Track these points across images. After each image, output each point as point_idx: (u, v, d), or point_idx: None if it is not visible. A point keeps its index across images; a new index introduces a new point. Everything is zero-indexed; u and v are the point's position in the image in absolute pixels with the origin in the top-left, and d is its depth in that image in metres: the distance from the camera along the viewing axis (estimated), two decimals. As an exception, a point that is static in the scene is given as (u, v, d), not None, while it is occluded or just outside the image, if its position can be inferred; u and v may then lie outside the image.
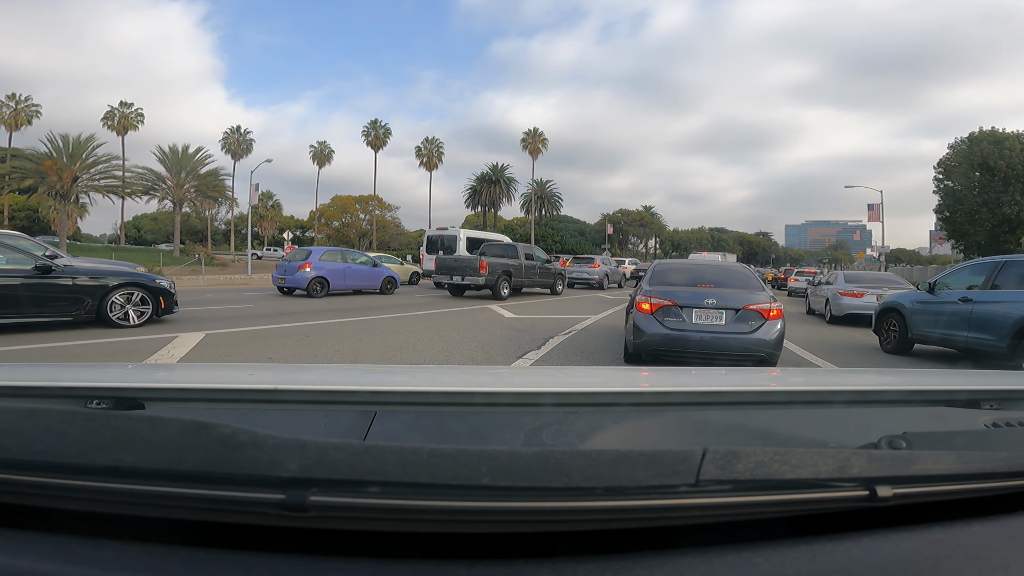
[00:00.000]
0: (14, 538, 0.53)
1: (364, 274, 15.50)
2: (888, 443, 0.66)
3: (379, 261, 16.88)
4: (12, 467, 0.53)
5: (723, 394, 1.04)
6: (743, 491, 0.53)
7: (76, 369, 1.47)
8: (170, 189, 41.11)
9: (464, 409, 0.94)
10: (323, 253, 14.86)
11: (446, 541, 0.54)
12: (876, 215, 40.55)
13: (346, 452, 0.51)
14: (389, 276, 16.11)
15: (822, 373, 3.02)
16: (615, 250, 60.62)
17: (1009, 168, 30.30)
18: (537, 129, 64.23)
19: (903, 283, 12.46)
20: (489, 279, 14.48)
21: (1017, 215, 30.40)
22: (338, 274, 14.65)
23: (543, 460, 0.52)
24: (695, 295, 5.43)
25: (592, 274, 22.66)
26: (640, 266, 31.57)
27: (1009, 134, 31.53)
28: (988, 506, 0.61)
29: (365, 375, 1.48)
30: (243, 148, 60.28)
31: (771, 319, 5.25)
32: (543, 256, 17.66)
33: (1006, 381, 1.21)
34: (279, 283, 14.44)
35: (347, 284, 14.94)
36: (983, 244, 32.40)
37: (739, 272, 6.52)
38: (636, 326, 5.40)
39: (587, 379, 1.46)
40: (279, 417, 0.93)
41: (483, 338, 7.57)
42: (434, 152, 65.84)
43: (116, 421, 0.60)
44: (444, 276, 15.19)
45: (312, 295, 13.92)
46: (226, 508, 0.52)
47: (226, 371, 1.44)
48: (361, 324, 8.92)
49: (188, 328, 7.54)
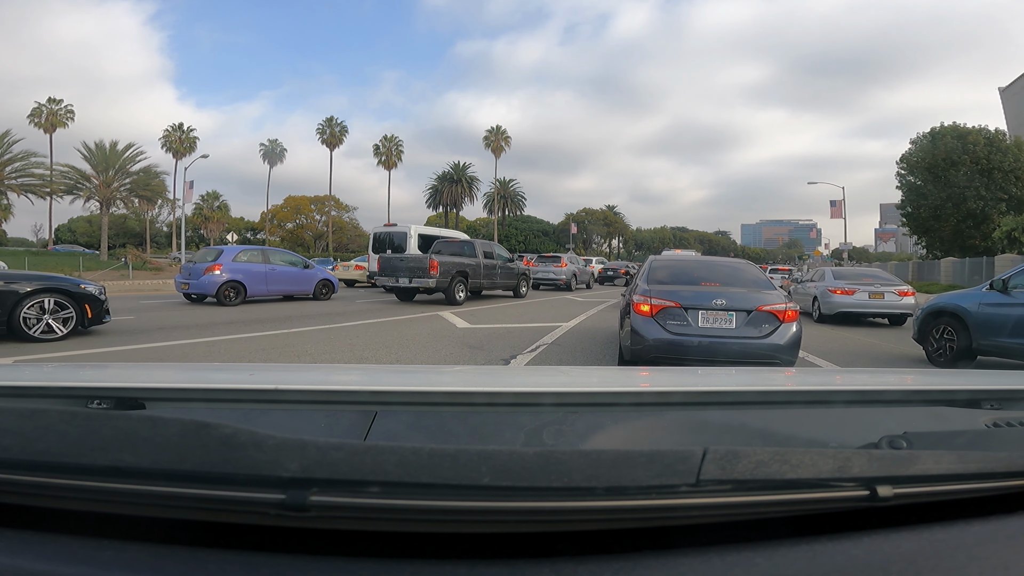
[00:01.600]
0: (14, 538, 0.53)
1: (292, 277, 13.29)
2: (889, 443, 0.66)
3: (311, 262, 14.58)
4: (13, 467, 0.53)
5: (723, 394, 1.04)
6: (743, 491, 0.53)
7: (77, 369, 1.53)
8: (97, 188, 38.10)
9: (464, 409, 0.94)
10: (238, 252, 12.55)
11: (446, 541, 0.53)
12: (839, 211, 40.45)
13: (346, 452, 0.51)
14: (324, 280, 13.89)
15: (822, 373, 2.90)
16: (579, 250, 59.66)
17: (973, 162, 30.13)
18: (500, 127, 63.15)
19: (894, 279, 11.96)
20: (441, 281, 12.43)
21: (982, 210, 30.25)
22: (257, 277, 12.36)
23: (543, 460, 0.52)
24: (701, 295, 4.83)
25: (559, 274, 20.79)
26: (608, 265, 30.07)
27: (972, 128, 31.44)
28: (989, 506, 0.60)
29: (365, 375, 1.51)
30: (186, 147, 57.36)
31: (787, 321, 4.69)
32: (505, 254, 15.69)
33: (1006, 381, 1.21)
34: (182, 288, 12.03)
35: (270, 289, 12.66)
36: (948, 240, 32.25)
37: (745, 269, 5.88)
38: (635, 330, 4.79)
39: (587, 379, 1.48)
40: (280, 417, 0.93)
41: (423, 360, 6.02)
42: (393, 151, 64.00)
43: (117, 421, 0.60)
44: (388, 278, 13.04)
45: (224, 303, 11.65)
46: (226, 508, 0.52)
47: (227, 371, 1.47)
48: (262, 342, 7.12)
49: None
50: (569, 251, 39.51)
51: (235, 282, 11.85)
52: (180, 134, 55.97)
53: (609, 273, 27.92)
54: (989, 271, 24.46)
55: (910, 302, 11.04)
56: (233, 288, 11.81)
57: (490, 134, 62.41)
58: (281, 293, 13.11)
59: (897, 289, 11.21)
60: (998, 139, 30.63)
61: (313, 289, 13.57)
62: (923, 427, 0.90)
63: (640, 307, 4.85)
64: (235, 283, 11.85)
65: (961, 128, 31.70)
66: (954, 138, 31.00)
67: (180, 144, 55.35)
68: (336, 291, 14.20)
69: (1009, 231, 25.16)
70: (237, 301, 11.79)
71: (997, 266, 23.42)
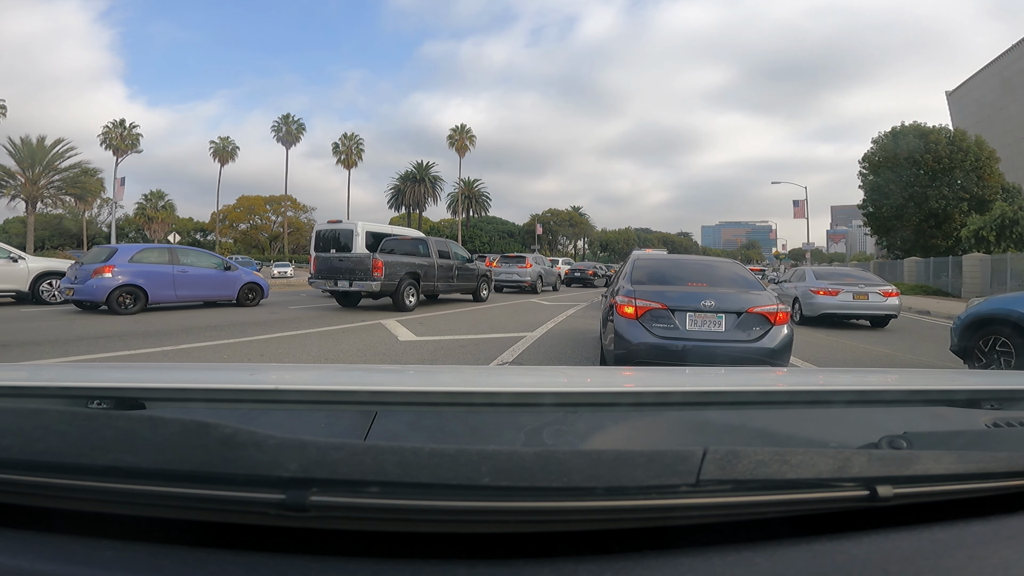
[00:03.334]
0: (14, 538, 0.53)
1: (208, 280, 11.36)
2: (889, 443, 0.66)
3: (234, 263, 12.50)
4: (13, 467, 0.53)
5: (723, 394, 1.03)
6: (743, 491, 0.53)
7: (77, 369, 1.52)
8: (22, 186, 35.23)
9: (464, 409, 0.94)
10: (137, 252, 10.60)
11: (446, 541, 0.53)
12: (802, 211, 40.55)
13: (347, 452, 0.51)
14: (251, 283, 11.97)
15: (822, 373, 2.85)
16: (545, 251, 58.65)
17: (935, 161, 30.17)
18: (464, 125, 61.94)
19: (877, 279, 11.53)
20: (387, 284, 10.81)
21: (944, 209, 30.31)
22: (162, 280, 10.46)
23: (543, 460, 0.51)
24: (688, 296, 4.63)
25: (524, 275, 19.25)
26: (576, 267, 28.81)
27: (934, 127, 31.54)
28: (989, 506, 0.60)
29: (366, 375, 1.49)
30: (128, 144, 54.00)
31: (778, 323, 4.52)
32: (463, 254, 14.11)
33: (1006, 381, 1.21)
34: (67, 294, 10.02)
35: (180, 294, 10.75)
36: (909, 240, 32.30)
37: (732, 269, 5.60)
38: (619, 334, 4.54)
39: (587, 379, 1.47)
40: (280, 417, 0.93)
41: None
42: (353, 149, 62.05)
43: (117, 421, 0.60)
44: (326, 281, 11.31)
45: (118, 310, 9.73)
46: (226, 508, 0.51)
47: (227, 371, 1.44)
48: (147, 360, 5.75)
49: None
50: (535, 251, 38.14)
51: (132, 286, 9.87)
52: (121, 130, 53.07)
53: (576, 274, 26.76)
54: (956, 271, 24.28)
55: (895, 303, 10.71)
56: (130, 293, 9.85)
57: (454, 132, 61.02)
58: (195, 299, 11.21)
59: (881, 290, 10.73)
60: (959, 138, 30.76)
61: (237, 294, 11.66)
62: (923, 427, 0.90)
63: (624, 309, 4.56)
64: (132, 287, 9.87)
65: (923, 127, 31.76)
66: (916, 137, 31.01)
67: (121, 141, 52.45)
68: (266, 295, 12.33)
69: (977, 230, 25.01)
70: (135, 309, 9.84)
71: (965, 266, 23.20)
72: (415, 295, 11.57)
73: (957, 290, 22.83)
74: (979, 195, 29.77)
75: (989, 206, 27.89)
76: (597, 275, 26.43)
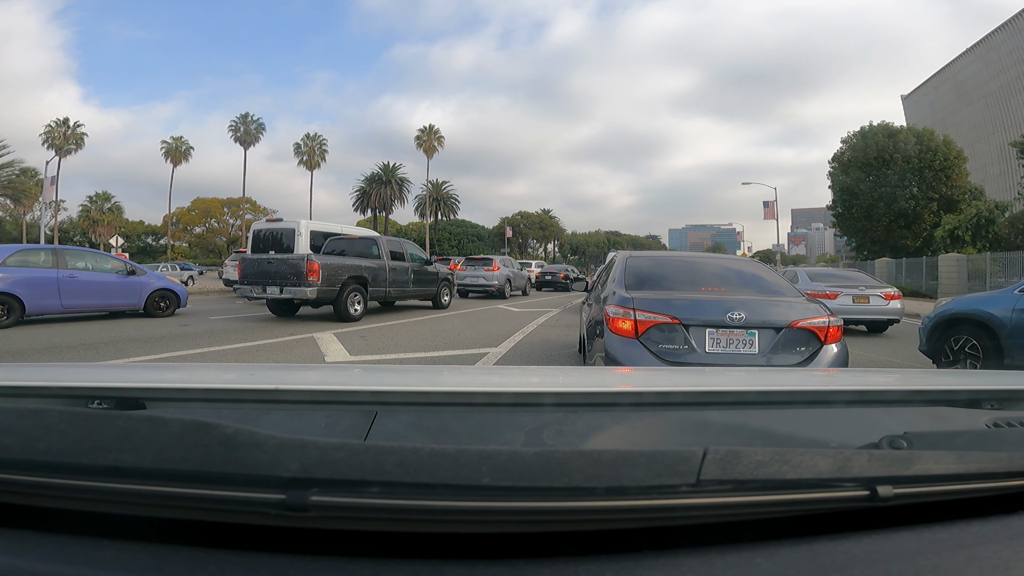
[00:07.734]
0: (14, 538, 0.53)
1: (105, 287, 9.67)
2: (889, 443, 0.65)
3: (140, 267, 10.76)
4: (13, 467, 0.53)
5: (723, 394, 1.03)
6: (744, 491, 0.53)
7: (77, 369, 1.48)
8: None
9: (465, 409, 0.93)
10: (12, 254, 8.77)
11: (446, 541, 0.53)
12: (771, 213, 40.31)
13: (347, 452, 0.51)
14: (162, 290, 10.30)
15: (822, 373, 2.77)
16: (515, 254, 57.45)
17: (905, 161, 30.06)
18: (432, 126, 60.66)
19: (877, 281, 11.07)
20: (325, 290, 9.26)
21: (913, 209, 30.21)
22: (44, 287, 8.78)
23: (543, 460, 0.51)
24: (706, 305, 3.45)
25: (491, 279, 17.74)
26: (547, 269, 27.53)
27: (902, 127, 31.54)
28: (989, 506, 0.60)
29: (366, 375, 1.50)
30: (73, 144, 50.84)
31: (829, 342, 3.38)
32: (421, 255, 12.59)
33: (1007, 381, 1.20)
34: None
35: (67, 304, 9.03)
36: (879, 240, 32.13)
37: (753, 269, 4.43)
38: (611, 357, 3.41)
39: (587, 379, 1.46)
40: (280, 417, 0.92)
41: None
42: (316, 150, 59.91)
43: (117, 421, 0.60)
44: (252, 287, 9.66)
45: (-21, 326, 7.85)
46: (227, 508, 0.51)
47: (227, 371, 1.44)
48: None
49: None
50: (504, 254, 36.76)
51: (3, 295, 8.25)
52: (65, 129, 50.45)
53: (548, 277, 25.58)
54: (930, 271, 23.94)
55: (898, 307, 9.99)
56: (0, 303, 8.14)
57: (423, 133, 59.56)
58: (88, 308, 9.57)
59: (883, 292, 9.99)
60: (927, 137, 30.76)
61: (144, 302, 10.06)
62: (923, 427, 0.89)
63: (619, 324, 3.46)
64: (3, 296, 8.25)
65: (891, 127, 31.79)
66: (885, 136, 30.95)
67: (65, 141, 49.76)
68: (184, 304, 10.64)
69: (952, 230, 24.76)
70: (8, 321, 8.23)
71: (941, 266, 22.83)
72: (362, 303, 10.04)
73: (932, 291, 22.48)
74: (947, 195, 29.77)
75: (957, 206, 27.83)
76: (569, 278, 25.32)
